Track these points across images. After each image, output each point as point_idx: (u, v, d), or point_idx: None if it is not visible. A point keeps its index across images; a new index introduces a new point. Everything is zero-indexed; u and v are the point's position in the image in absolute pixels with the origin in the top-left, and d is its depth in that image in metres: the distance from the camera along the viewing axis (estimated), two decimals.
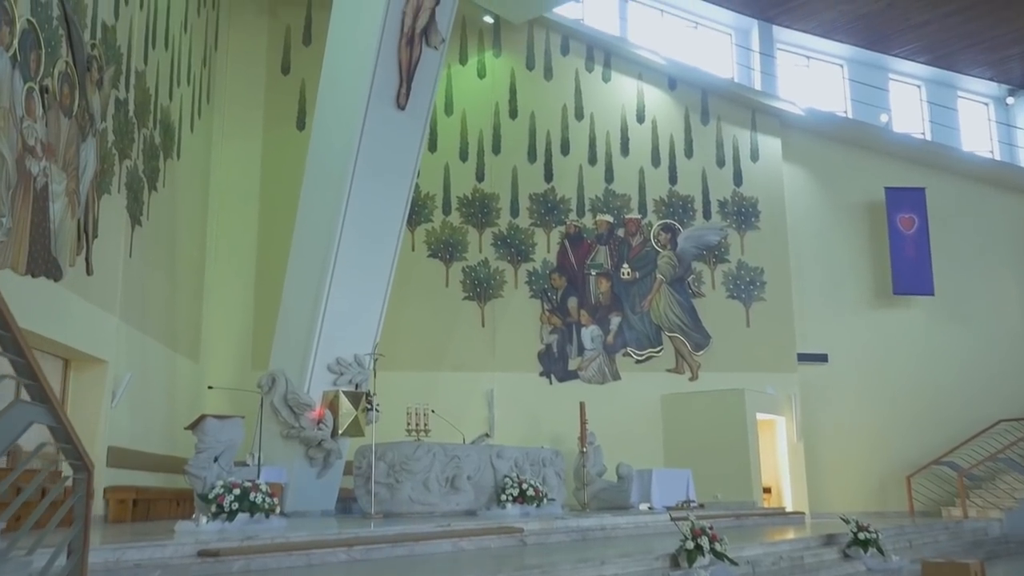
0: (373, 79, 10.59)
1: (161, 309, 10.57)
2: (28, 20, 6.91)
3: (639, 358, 13.64)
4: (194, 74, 11.85)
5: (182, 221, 11.34)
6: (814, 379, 14.14)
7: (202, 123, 12.29)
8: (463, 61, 14.15)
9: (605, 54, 14.44)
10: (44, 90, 7.21)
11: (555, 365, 13.50)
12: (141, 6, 9.66)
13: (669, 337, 13.76)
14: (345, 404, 10.48)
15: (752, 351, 13.87)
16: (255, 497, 6.66)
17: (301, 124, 13.29)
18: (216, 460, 7.20)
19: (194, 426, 7.32)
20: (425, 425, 9.68)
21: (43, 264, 7.20)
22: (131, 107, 9.33)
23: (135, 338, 9.51)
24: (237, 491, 6.61)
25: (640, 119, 14.39)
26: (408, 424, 9.65)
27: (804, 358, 14.19)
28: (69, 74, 7.70)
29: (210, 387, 10.25)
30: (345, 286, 10.61)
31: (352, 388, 10.58)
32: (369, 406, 10.67)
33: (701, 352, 13.76)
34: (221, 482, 6.68)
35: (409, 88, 10.93)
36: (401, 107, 10.91)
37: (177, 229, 11.15)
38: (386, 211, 10.98)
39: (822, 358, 14.41)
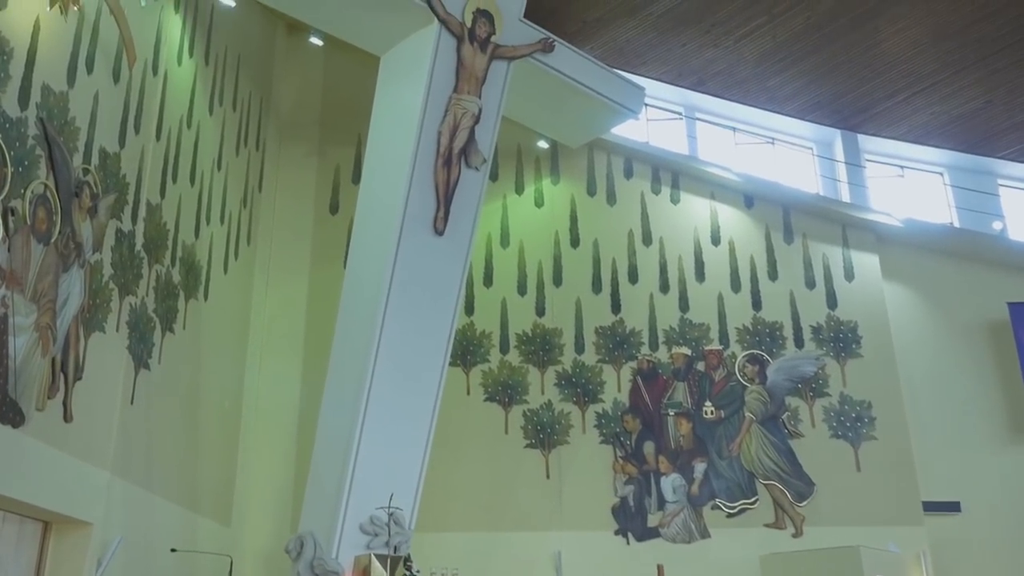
0: (407, 202, 9.78)
1: (176, 464, 9.48)
2: None
3: (730, 511, 11.73)
4: (230, 213, 11.24)
5: (209, 367, 10.42)
6: (945, 532, 11.85)
7: (240, 264, 11.59)
8: (519, 191, 13.28)
9: (672, 174, 13.35)
10: (10, 212, 6.45)
11: (632, 521, 11.69)
12: (158, 137, 9.12)
13: (765, 486, 11.85)
14: (379, 571, 9.05)
15: (866, 500, 11.78)
16: None
17: None
18: None
19: None
20: None
21: None
22: (138, 240, 8.60)
23: (136, 497, 8.38)
24: None
25: (715, 241, 13.08)
26: None
27: (931, 507, 11.99)
28: (48, 198, 6.97)
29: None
30: (379, 432, 9.41)
31: (389, 552, 9.16)
32: (408, 573, 9.24)
33: (804, 503, 11.76)
34: None
35: (448, 212, 10.04)
36: (439, 232, 9.98)
37: (202, 376, 10.21)
38: (425, 347, 9.87)
39: (953, 507, 12.16)
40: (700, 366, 12.46)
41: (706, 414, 12.18)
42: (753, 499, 11.79)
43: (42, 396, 6.84)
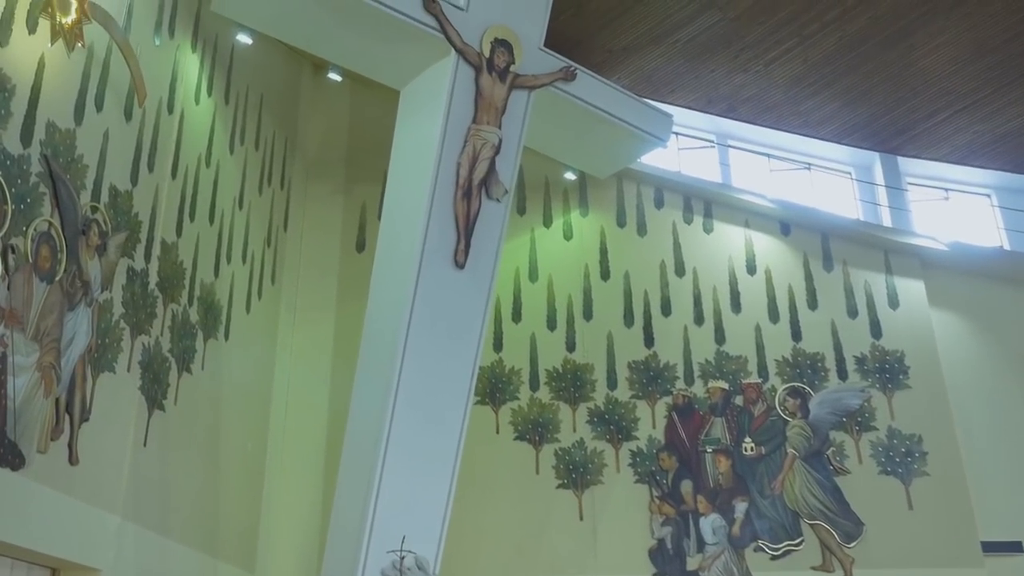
0: (426, 235, 9.54)
1: (195, 508, 9.26)
2: None
3: (775, 553, 11.14)
4: (253, 252, 11.13)
5: (230, 408, 10.24)
6: (1007, 574, 11.11)
7: (264, 304, 11.45)
8: (547, 223, 13.00)
9: (705, 203, 12.97)
10: (11, 249, 6.35)
11: (670, 564, 11.16)
12: (173, 175, 9.05)
13: (810, 526, 11.24)
14: None
15: (920, 540, 11.12)
16: None
17: None
18: None
19: None
20: None
21: None
22: (152, 279, 8.48)
23: (150, 542, 8.16)
24: None
25: (751, 270, 12.63)
26: None
27: (991, 548, 11.25)
28: (53, 235, 6.87)
29: None
30: (399, 475, 9.08)
31: None
32: None
33: (853, 544, 11.12)
34: None
35: (468, 245, 9.78)
36: (460, 266, 9.71)
37: (222, 417, 10.03)
38: (447, 385, 9.55)
39: (1015, 547, 11.42)
40: (738, 400, 11.95)
41: (746, 450, 11.65)
42: (798, 540, 11.19)
43: (45, 438, 6.67)
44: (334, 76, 11.06)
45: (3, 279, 6.24)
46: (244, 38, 10.00)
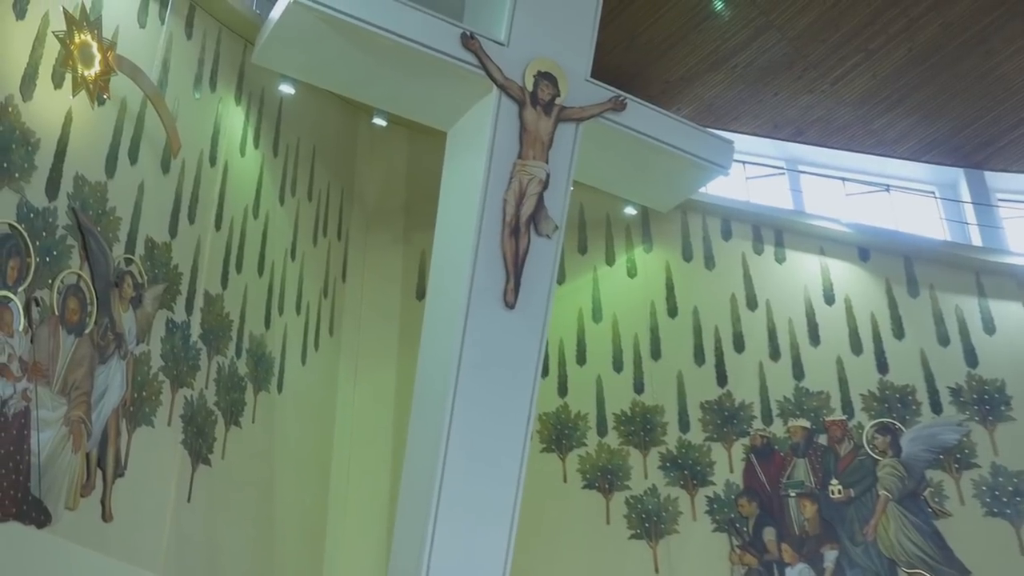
0: (473, 274, 9.22)
1: (247, 565, 9.00)
2: (9, 224, 6.14)
3: None
4: (308, 303, 11.00)
5: (286, 462, 10.02)
6: None
7: (321, 355, 11.28)
8: (610, 262, 12.53)
9: (775, 231, 12.29)
10: (35, 302, 6.30)
11: None
12: (217, 227, 9.02)
13: (909, 575, 10.25)
14: None
15: None
16: None
17: None
18: None
19: None
20: None
21: (16, 506, 5.91)
22: (195, 331, 8.38)
23: None
24: None
25: (829, 300, 11.84)
26: None
27: None
28: (82, 288, 6.83)
29: None
30: (454, 525, 8.65)
31: None
32: None
33: None
34: None
35: (518, 284, 9.41)
36: (510, 306, 9.34)
37: (277, 471, 9.80)
38: (502, 430, 9.13)
39: None
40: (822, 439, 11.10)
41: (833, 494, 10.77)
42: None
43: (74, 494, 6.54)
44: (379, 121, 10.95)
45: (26, 332, 6.18)
46: (287, 88, 10.00)
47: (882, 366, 11.41)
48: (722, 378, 11.64)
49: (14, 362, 6.02)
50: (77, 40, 6.70)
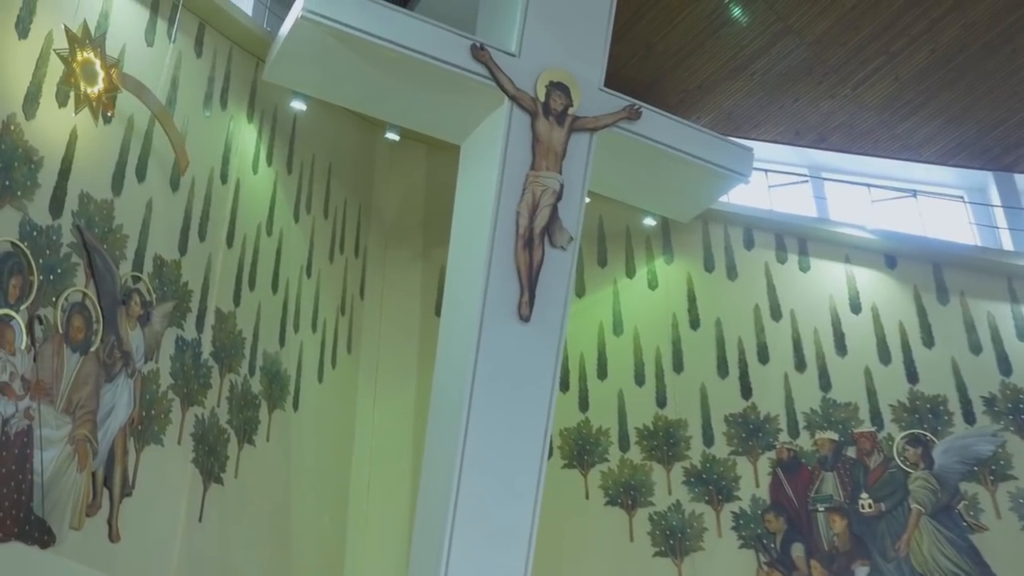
0: (487, 287, 9.09)
1: None
2: (11, 242, 6.13)
3: None
4: (324, 320, 10.93)
5: (302, 481, 9.92)
6: None
7: (339, 372, 11.20)
8: (630, 274, 12.33)
9: (799, 240, 12.04)
10: (38, 320, 6.28)
11: None
12: (229, 244, 9.00)
13: None
14: None
15: None
16: None
17: None
18: None
19: None
20: None
21: (18, 525, 5.86)
22: (206, 348, 8.34)
23: None
24: None
25: (855, 309, 11.56)
26: None
27: None
28: (87, 306, 6.80)
29: None
30: (469, 544, 8.48)
31: None
32: None
33: None
34: None
35: (533, 296, 9.26)
36: (524, 319, 9.19)
37: (293, 490, 9.71)
38: (518, 446, 8.95)
39: None
40: (851, 452, 10.79)
41: (863, 508, 10.45)
42: None
43: (79, 514, 6.49)
44: (392, 136, 10.92)
45: (28, 351, 6.15)
46: (298, 104, 9.99)
47: (912, 376, 11.09)
48: (746, 390, 11.38)
49: (16, 380, 5.99)
50: (80, 58, 6.71)
